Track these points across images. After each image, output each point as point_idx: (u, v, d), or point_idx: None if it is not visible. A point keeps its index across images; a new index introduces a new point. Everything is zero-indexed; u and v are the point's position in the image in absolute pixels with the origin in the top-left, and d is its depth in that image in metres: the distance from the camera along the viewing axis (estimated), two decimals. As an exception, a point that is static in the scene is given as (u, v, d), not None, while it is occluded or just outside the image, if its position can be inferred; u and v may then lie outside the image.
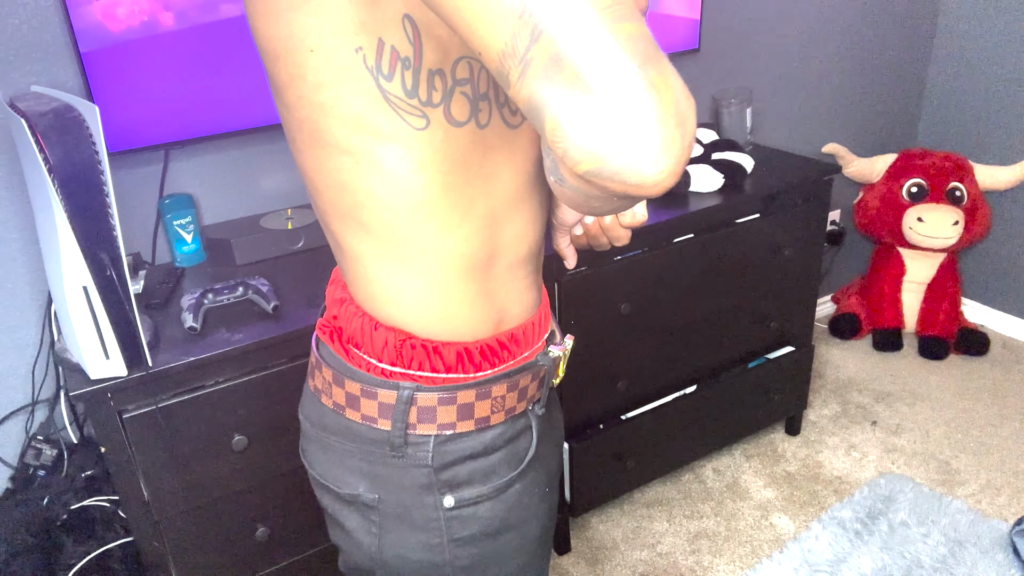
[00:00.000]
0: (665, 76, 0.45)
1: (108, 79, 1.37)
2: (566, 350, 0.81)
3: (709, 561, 1.89)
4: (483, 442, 0.74)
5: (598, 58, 0.43)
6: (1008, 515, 1.98)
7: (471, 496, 0.75)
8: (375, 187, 0.64)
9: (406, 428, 0.72)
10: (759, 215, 1.88)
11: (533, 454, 0.79)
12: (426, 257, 0.68)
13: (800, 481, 2.13)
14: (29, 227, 1.45)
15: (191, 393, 1.27)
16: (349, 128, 0.62)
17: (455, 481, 0.74)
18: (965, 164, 2.54)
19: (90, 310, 1.13)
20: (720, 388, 2.00)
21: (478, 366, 0.73)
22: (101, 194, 1.10)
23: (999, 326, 2.75)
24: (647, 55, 0.44)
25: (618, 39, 0.44)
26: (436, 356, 0.71)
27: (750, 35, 2.25)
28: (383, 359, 0.71)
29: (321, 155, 0.64)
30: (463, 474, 0.74)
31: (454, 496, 0.74)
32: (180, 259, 1.55)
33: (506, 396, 0.74)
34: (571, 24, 0.44)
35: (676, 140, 0.45)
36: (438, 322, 0.71)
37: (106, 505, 1.40)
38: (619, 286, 1.70)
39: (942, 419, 2.34)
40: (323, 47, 0.58)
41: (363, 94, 0.60)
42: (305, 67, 0.60)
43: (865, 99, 2.60)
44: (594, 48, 0.43)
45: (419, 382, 0.71)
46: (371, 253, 0.69)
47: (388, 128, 0.61)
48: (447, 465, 0.73)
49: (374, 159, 0.63)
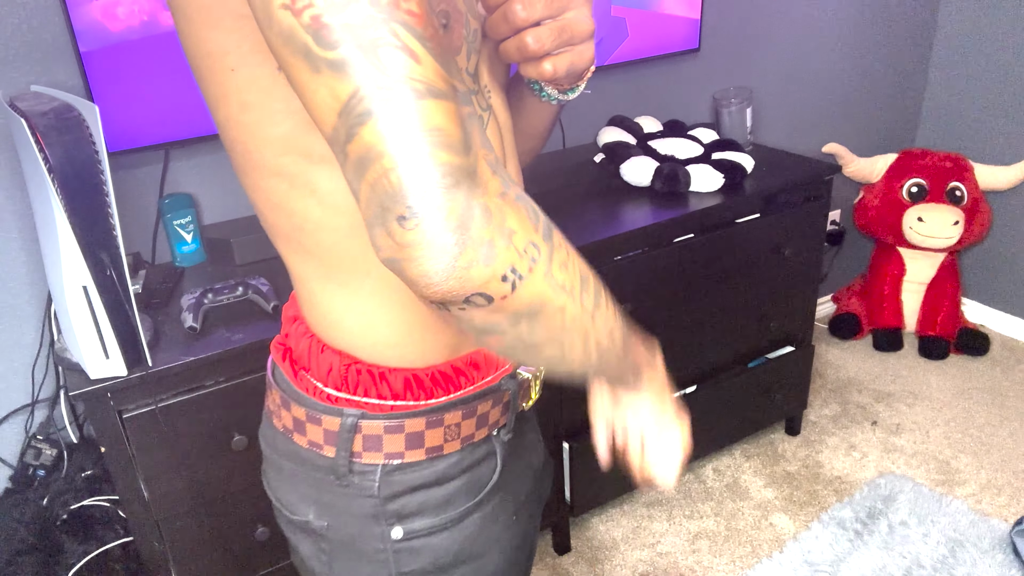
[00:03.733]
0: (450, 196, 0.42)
1: (108, 79, 1.37)
2: (539, 371, 0.76)
3: (709, 561, 1.89)
4: (436, 472, 0.70)
5: (399, 170, 0.42)
6: (1008, 515, 1.98)
7: (422, 527, 0.71)
8: (311, 209, 0.60)
9: (351, 456, 0.68)
10: (759, 215, 1.88)
11: (496, 482, 0.74)
12: (371, 281, 0.64)
13: (800, 481, 2.13)
14: (29, 227, 1.45)
15: (191, 393, 1.27)
16: (278, 150, 0.58)
17: (404, 512, 0.70)
18: (965, 164, 2.54)
19: (90, 310, 1.12)
20: (720, 388, 2.00)
21: (429, 393, 0.68)
22: (101, 194, 1.10)
23: (999, 326, 2.75)
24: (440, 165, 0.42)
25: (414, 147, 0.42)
26: (383, 382, 0.67)
27: (750, 35, 2.25)
28: (328, 383, 0.68)
29: (255, 175, 0.61)
30: (413, 505, 0.70)
31: (403, 527, 0.70)
32: (180, 259, 1.55)
33: (461, 424, 0.70)
34: (379, 132, 0.42)
35: (455, 252, 0.43)
36: (385, 348, 0.67)
37: (106, 505, 1.40)
38: (619, 286, 1.70)
39: (942, 419, 2.34)
40: (244, 66, 0.55)
41: (290, 115, 0.56)
42: (228, 87, 0.57)
43: (865, 99, 2.60)
44: (396, 159, 0.42)
45: (364, 409, 0.67)
46: (314, 275, 0.65)
47: (320, 149, 0.57)
48: (395, 495, 0.69)
49: (307, 181, 0.59)
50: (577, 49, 0.63)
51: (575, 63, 0.63)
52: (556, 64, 0.62)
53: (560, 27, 0.61)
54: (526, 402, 0.77)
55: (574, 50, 0.63)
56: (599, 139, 1.94)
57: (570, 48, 0.62)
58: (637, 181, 1.84)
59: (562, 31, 0.61)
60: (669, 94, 2.17)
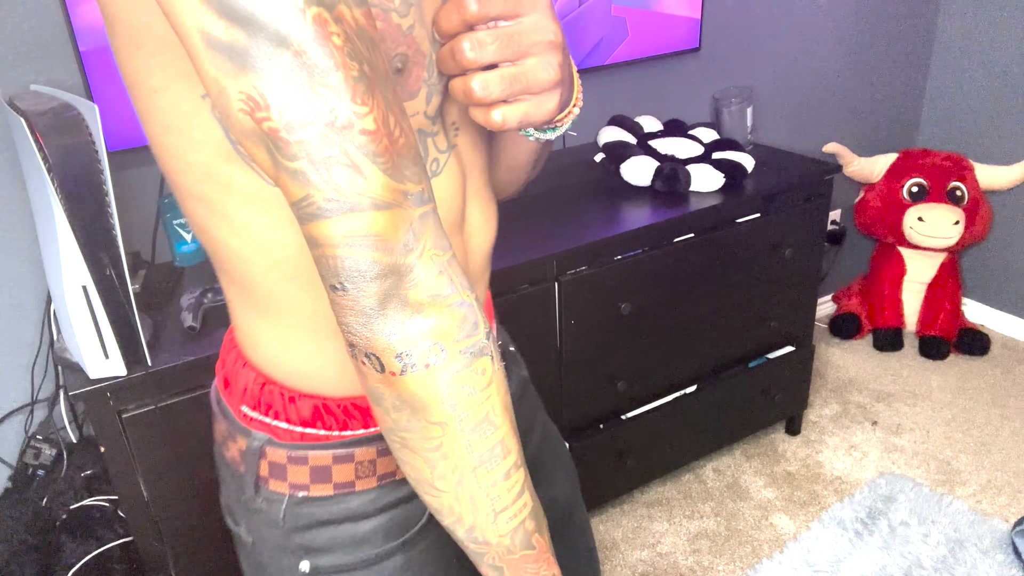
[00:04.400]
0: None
1: (108, 78, 1.36)
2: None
3: (709, 561, 1.89)
4: (347, 508, 0.66)
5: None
6: (1008, 515, 1.98)
7: (331, 564, 0.67)
8: (229, 238, 0.58)
9: (257, 481, 0.66)
10: (759, 215, 1.88)
11: (427, 523, 0.69)
12: (288, 314, 0.61)
13: (800, 481, 2.13)
14: (29, 227, 1.45)
15: (191, 393, 1.27)
16: (197, 176, 0.56)
17: (312, 546, 0.67)
18: (966, 164, 2.54)
19: (90, 309, 1.12)
20: (720, 388, 2.00)
21: (342, 424, 0.64)
22: (101, 193, 1.10)
23: (999, 326, 2.75)
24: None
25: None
26: (291, 406, 0.64)
27: (750, 35, 2.25)
28: (243, 401, 0.66)
29: (180, 196, 0.59)
30: (321, 540, 0.66)
31: (311, 562, 0.67)
32: (180, 258, 1.55)
33: (376, 461, 0.65)
34: (325, 232, 0.46)
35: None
36: (298, 376, 0.64)
37: (105, 505, 1.40)
38: (619, 286, 1.70)
39: (942, 419, 2.34)
40: (166, 89, 0.53)
41: (210, 144, 0.54)
42: (151, 107, 0.55)
43: (865, 99, 2.60)
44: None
45: (271, 434, 0.65)
46: (235, 299, 0.63)
47: (240, 182, 0.55)
48: (301, 528, 0.66)
49: (224, 210, 0.57)
50: (535, 100, 0.55)
51: (530, 115, 0.55)
52: (506, 115, 0.54)
53: (514, 75, 0.53)
54: None
55: (531, 100, 0.54)
56: (599, 139, 1.94)
57: (526, 98, 0.54)
58: (637, 181, 1.84)
59: (515, 79, 0.53)
60: (669, 94, 2.17)
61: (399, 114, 0.47)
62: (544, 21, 0.53)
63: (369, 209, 0.45)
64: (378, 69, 0.46)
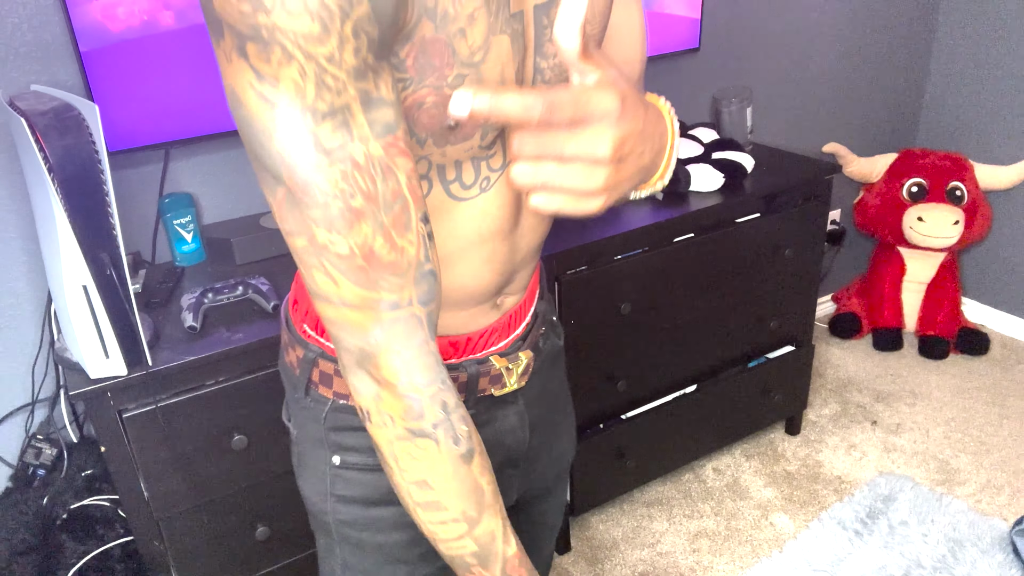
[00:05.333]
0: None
1: (108, 78, 1.37)
2: (511, 364, 0.80)
3: (709, 561, 1.89)
4: None
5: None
6: (1008, 515, 1.98)
7: (357, 462, 0.79)
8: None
9: (308, 383, 0.78)
10: (759, 215, 1.88)
11: None
12: None
13: (800, 481, 2.13)
14: (29, 227, 1.45)
15: (191, 392, 1.27)
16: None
17: (344, 445, 0.79)
18: (965, 164, 2.54)
19: (90, 309, 1.12)
20: (720, 388, 2.00)
21: None
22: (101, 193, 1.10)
23: (999, 326, 2.75)
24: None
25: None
26: None
27: (750, 35, 2.25)
28: (307, 321, 0.78)
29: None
30: (351, 441, 0.78)
31: (341, 457, 0.79)
32: (180, 258, 1.55)
33: None
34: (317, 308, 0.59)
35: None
36: None
37: (106, 504, 1.40)
38: (619, 286, 1.70)
39: (942, 419, 2.34)
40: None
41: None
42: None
43: (865, 99, 2.60)
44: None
45: (324, 349, 0.76)
46: None
47: None
48: (338, 428, 0.78)
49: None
50: (575, 198, 0.53)
51: (567, 209, 0.53)
52: (538, 204, 0.53)
53: (549, 175, 0.51)
54: (497, 389, 0.81)
55: (571, 197, 0.53)
56: (599, 139, 1.93)
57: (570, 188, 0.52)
58: (637, 181, 1.83)
59: (549, 179, 0.51)
60: (669, 94, 2.17)
61: (395, 235, 0.55)
62: (604, 134, 0.50)
63: (341, 306, 0.56)
64: (380, 197, 0.53)
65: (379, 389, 0.59)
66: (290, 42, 0.48)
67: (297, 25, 0.48)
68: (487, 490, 0.63)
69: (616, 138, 0.51)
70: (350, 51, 0.49)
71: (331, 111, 0.50)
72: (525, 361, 0.81)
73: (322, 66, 0.49)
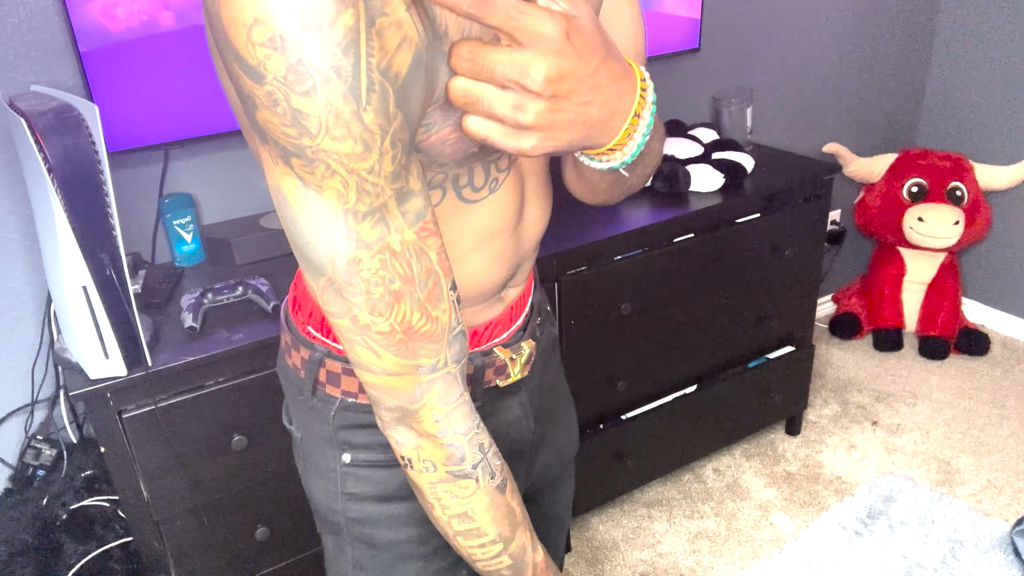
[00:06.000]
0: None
1: (108, 79, 1.36)
2: (514, 354, 0.82)
3: (709, 561, 1.89)
4: None
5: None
6: (1008, 515, 1.98)
7: (367, 459, 0.80)
8: None
9: (315, 384, 0.79)
10: (759, 215, 1.88)
11: None
12: None
13: (800, 481, 2.13)
14: (29, 227, 1.45)
15: (191, 393, 1.27)
16: None
17: (353, 442, 0.80)
18: (965, 164, 2.54)
19: (90, 310, 1.12)
20: (720, 388, 2.00)
21: None
22: (101, 194, 1.10)
23: (999, 326, 2.75)
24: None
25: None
26: None
27: (750, 35, 2.25)
28: (310, 323, 0.78)
29: None
30: (361, 439, 0.79)
31: (351, 455, 0.80)
32: (180, 259, 1.55)
33: None
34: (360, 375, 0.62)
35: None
36: None
37: (106, 505, 1.40)
38: (619, 286, 1.70)
39: (942, 419, 2.34)
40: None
41: None
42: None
43: (865, 99, 2.60)
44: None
45: (331, 348, 0.77)
46: None
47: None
48: (347, 427, 0.79)
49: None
50: (503, 129, 0.53)
51: (494, 140, 0.53)
52: (468, 125, 0.53)
53: (475, 95, 0.52)
54: (502, 379, 0.82)
55: (499, 127, 0.53)
56: (599, 139, 1.93)
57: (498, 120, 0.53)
58: (637, 181, 1.83)
59: (475, 100, 0.52)
60: (669, 94, 2.17)
61: (429, 308, 0.59)
62: (538, 60, 0.49)
63: (382, 374, 0.60)
64: (415, 277, 0.57)
65: (420, 440, 0.63)
66: (334, 161, 0.51)
67: (341, 147, 0.50)
68: (517, 510, 0.70)
69: (551, 68, 0.49)
70: (388, 161, 0.52)
71: (370, 211, 0.54)
72: (528, 351, 0.83)
73: (363, 177, 0.52)
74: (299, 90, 0.48)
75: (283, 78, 0.47)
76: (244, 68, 0.49)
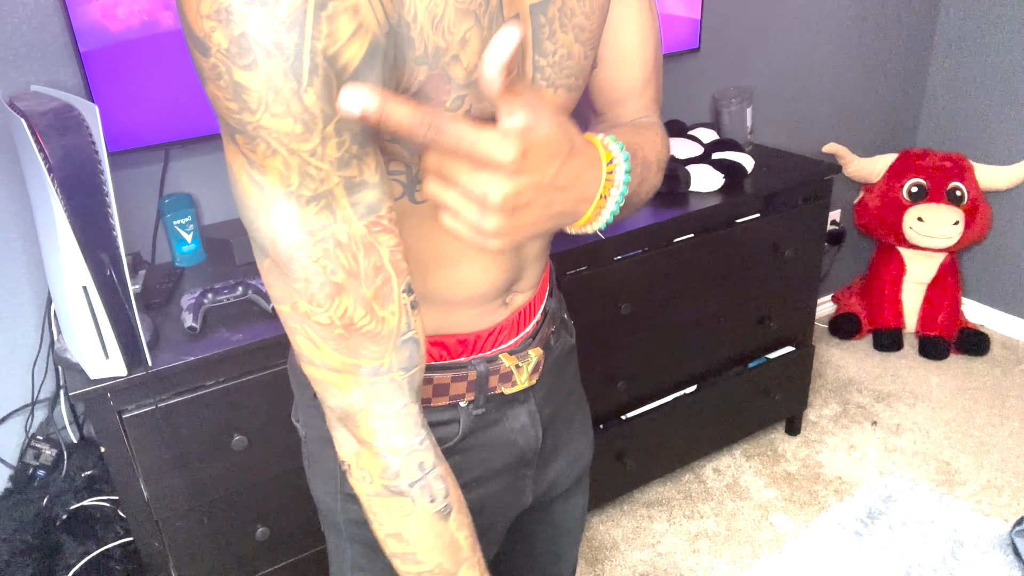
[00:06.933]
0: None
1: (108, 79, 1.37)
2: (520, 362, 0.81)
3: (709, 561, 1.89)
4: None
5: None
6: (1008, 515, 1.98)
7: None
8: None
9: None
10: (759, 215, 1.88)
11: (454, 446, 0.80)
12: None
13: (800, 481, 2.13)
14: (29, 227, 1.45)
15: (191, 393, 1.27)
16: None
17: None
18: (965, 164, 2.54)
19: (90, 310, 1.12)
20: (720, 388, 2.00)
21: None
22: (101, 194, 1.10)
23: (999, 326, 2.75)
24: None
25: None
26: None
27: (750, 35, 2.25)
28: None
29: None
30: None
31: None
32: (180, 259, 1.55)
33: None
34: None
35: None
36: None
37: (106, 505, 1.40)
38: (619, 286, 1.70)
39: (942, 419, 2.34)
40: None
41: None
42: None
43: (865, 99, 2.60)
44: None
45: None
46: None
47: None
48: None
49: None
50: (466, 225, 0.53)
51: (460, 235, 0.54)
52: (442, 220, 0.55)
53: (436, 197, 0.53)
54: (507, 387, 0.81)
55: (464, 224, 0.53)
56: (599, 139, 1.93)
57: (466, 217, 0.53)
58: (637, 181, 1.83)
59: (438, 199, 0.53)
60: (669, 94, 2.17)
61: (376, 307, 0.57)
62: (495, 183, 0.50)
63: (323, 368, 0.59)
64: (361, 272, 0.56)
65: (359, 447, 0.62)
66: (274, 139, 0.50)
67: (280, 125, 0.49)
68: (464, 544, 0.66)
69: (507, 191, 0.51)
70: (333, 146, 0.51)
71: (315, 196, 0.53)
72: (535, 359, 0.82)
73: (305, 159, 0.51)
74: (241, 63, 0.48)
75: (226, 50, 0.47)
76: (192, 40, 0.49)
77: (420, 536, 0.64)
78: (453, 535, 0.65)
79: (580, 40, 0.67)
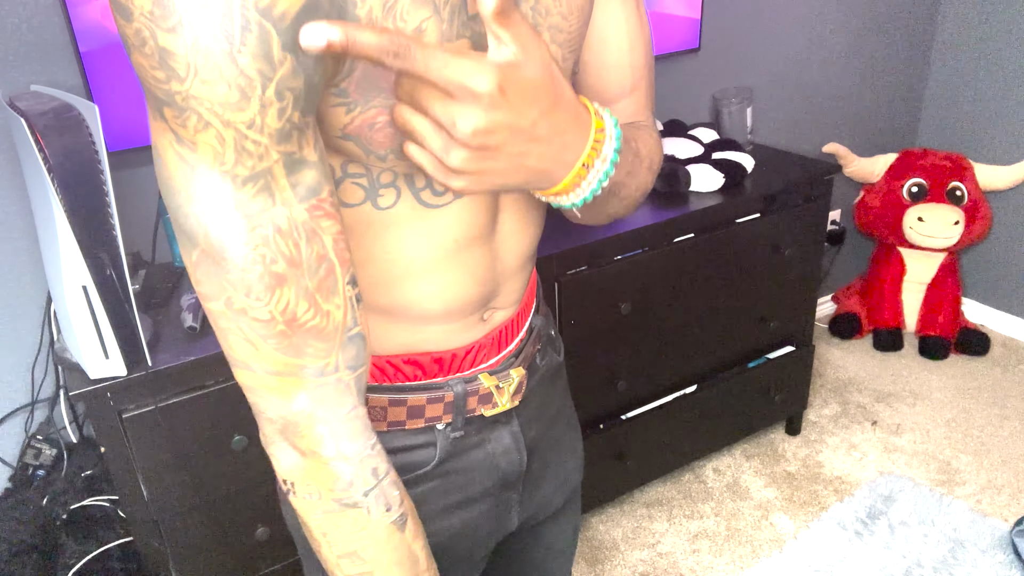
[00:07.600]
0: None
1: (108, 78, 1.37)
2: (501, 383, 0.76)
3: (709, 561, 1.89)
4: None
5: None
6: (1008, 515, 1.98)
7: None
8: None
9: None
10: (759, 215, 1.88)
11: (431, 471, 0.76)
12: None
13: (800, 481, 2.13)
14: (29, 227, 1.45)
15: (191, 393, 1.27)
16: None
17: None
18: (965, 164, 2.54)
19: (90, 310, 1.12)
20: (720, 388, 2.00)
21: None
22: (101, 193, 1.10)
23: (999, 326, 2.75)
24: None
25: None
26: None
27: (750, 35, 2.25)
28: None
29: None
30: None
31: None
32: (180, 258, 1.55)
33: (388, 409, 0.73)
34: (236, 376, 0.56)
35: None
36: None
37: (106, 505, 1.40)
38: (619, 286, 1.70)
39: (942, 419, 2.34)
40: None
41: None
42: None
43: (865, 99, 2.60)
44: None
45: None
46: None
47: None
48: None
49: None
50: (430, 159, 0.52)
51: (425, 167, 0.52)
52: (406, 148, 0.53)
53: (403, 123, 0.51)
54: (487, 408, 0.76)
55: (428, 155, 0.52)
56: (599, 139, 1.93)
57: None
58: (637, 181, 1.83)
59: (405, 126, 0.52)
60: (669, 94, 2.17)
61: (320, 299, 0.53)
62: (467, 113, 0.48)
63: (261, 373, 0.54)
64: (304, 262, 0.51)
65: (303, 460, 0.57)
66: (206, 110, 0.46)
67: (213, 93, 0.45)
68: (421, 556, 0.62)
69: (478, 123, 0.48)
70: (273, 114, 0.47)
71: (252, 176, 0.48)
72: (517, 379, 0.77)
73: (242, 132, 0.47)
74: (165, 26, 0.43)
75: (149, 12, 0.43)
76: (115, 5, 0.45)
77: (377, 552, 0.59)
78: (410, 546, 0.61)
79: (557, 41, 0.63)
